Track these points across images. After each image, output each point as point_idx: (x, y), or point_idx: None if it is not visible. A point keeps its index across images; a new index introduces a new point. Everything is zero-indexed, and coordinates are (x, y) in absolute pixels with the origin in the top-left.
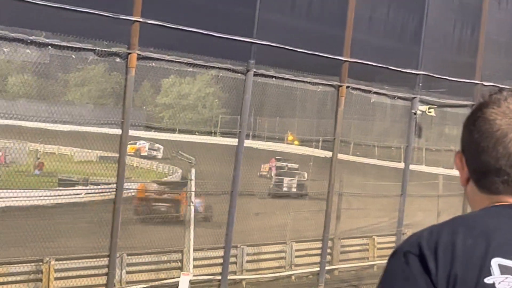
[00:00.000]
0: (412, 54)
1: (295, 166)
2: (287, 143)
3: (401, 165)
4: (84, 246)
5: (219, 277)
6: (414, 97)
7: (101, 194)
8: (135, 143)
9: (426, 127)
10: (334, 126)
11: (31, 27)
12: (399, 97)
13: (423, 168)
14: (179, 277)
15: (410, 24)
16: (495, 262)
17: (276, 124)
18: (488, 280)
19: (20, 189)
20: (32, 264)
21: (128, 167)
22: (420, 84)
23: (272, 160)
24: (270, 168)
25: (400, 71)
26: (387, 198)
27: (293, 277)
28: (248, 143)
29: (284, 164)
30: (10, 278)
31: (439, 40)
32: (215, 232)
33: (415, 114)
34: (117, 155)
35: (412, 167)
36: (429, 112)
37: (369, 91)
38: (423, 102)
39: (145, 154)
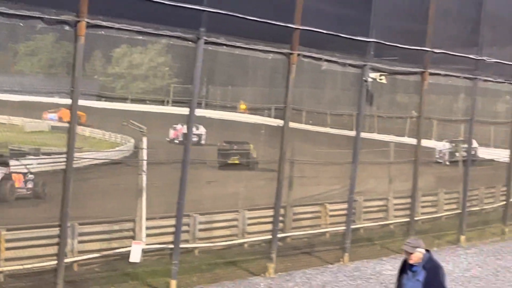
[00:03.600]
0: (363, 22)
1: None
2: (240, 112)
3: (353, 133)
4: (35, 215)
5: (172, 246)
6: (365, 65)
7: (53, 164)
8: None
9: (378, 94)
10: (285, 94)
11: None
12: (350, 65)
13: (374, 135)
14: (131, 246)
15: None
16: None
17: (228, 92)
18: None
19: None
20: None
21: (80, 137)
22: (372, 52)
23: (181, 129)
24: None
25: (351, 38)
26: (339, 165)
27: (245, 245)
28: (200, 112)
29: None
30: None
31: (390, 8)
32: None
33: (366, 81)
34: (68, 125)
35: (363, 134)
36: (380, 79)
37: (320, 59)
38: (374, 69)
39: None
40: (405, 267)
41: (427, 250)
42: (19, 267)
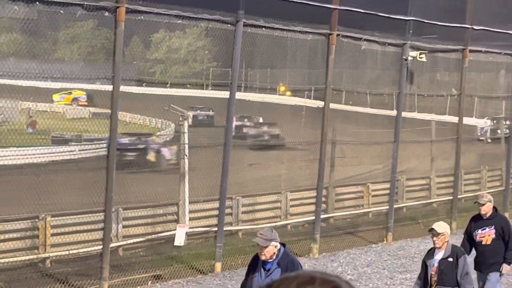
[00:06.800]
0: (401, 0)
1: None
2: (280, 94)
3: (394, 112)
4: (79, 202)
5: (215, 229)
6: (405, 43)
7: (95, 150)
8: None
9: (418, 73)
10: (325, 75)
11: None
12: (390, 44)
13: (415, 114)
14: (175, 229)
15: None
16: None
17: (268, 75)
18: None
19: (14, 147)
20: (28, 221)
21: (121, 123)
22: (411, 30)
23: None
24: None
25: (390, 17)
26: (380, 145)
27: (288, 227)
28: (240, 95)
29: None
30: (7, 236)
31: None
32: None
33: (406, 60)
34: (109, 111)
35: (404, 114)
36: (420, 57)
37: (360, 39)
38: (414, 48)
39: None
40: (257, 264)
41: (282, 244)
42: (65, 253)
